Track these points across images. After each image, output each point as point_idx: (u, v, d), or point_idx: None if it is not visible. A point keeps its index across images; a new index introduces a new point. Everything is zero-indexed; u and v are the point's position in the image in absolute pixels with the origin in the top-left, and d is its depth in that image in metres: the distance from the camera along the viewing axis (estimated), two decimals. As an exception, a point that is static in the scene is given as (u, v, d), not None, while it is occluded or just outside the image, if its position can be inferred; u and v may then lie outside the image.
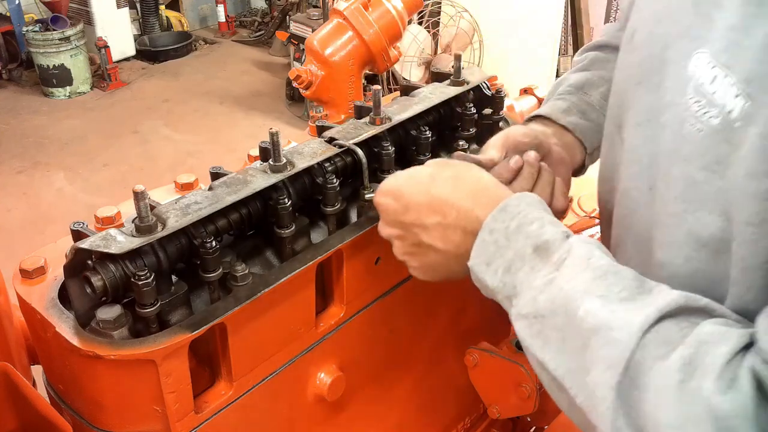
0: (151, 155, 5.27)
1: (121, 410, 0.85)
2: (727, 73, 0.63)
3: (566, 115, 1.08)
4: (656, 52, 0.76)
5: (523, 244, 0.75)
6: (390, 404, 1.26)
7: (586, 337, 0.66)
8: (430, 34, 4.77)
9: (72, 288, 0.80)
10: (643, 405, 0.61)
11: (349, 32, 1.88)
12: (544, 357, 0.71)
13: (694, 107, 0.67)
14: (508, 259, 0.76)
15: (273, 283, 0.88)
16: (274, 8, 7.58)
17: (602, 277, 0.69)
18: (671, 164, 0.72)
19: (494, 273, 0.77)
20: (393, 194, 0.88)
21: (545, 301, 0.71)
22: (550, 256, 0.74)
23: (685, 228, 0.71)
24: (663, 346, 0.62)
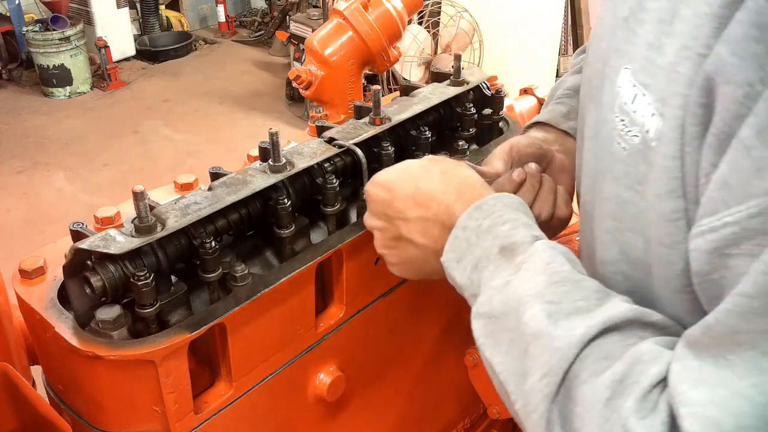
0: (151, 155, 5.27)
1: (121, 410, 0.85)
2: (644, 91, 0.63)
3: (566, 119, 1.07)
4: (599, 67, 0.76)
5: (491, 243, 0.75)
6: (390, 404, 1.26)
7: (528, 342, 0.65)
8: (430, 34, 4.77)
9: (71, 288, 0.80)
10: (574, 419, 0.60)
11: (348, 32, 1.88)
12: (493, 358, 0.71)
13: (620, 125, 0.67)
14: (476, 257, 0.76)
15: (273, 283, 0.88)
16: (274, 8, 7.58)
17: (559, 284, 0.68)
18: (604, 181, 0.72)
19: (463, 270, 0.77)
20: (383, 185, 0.88)
21: (499, 302, 0.71)
22: (514, 257, 0.73)
23: (617, 247, 0.71)
24: (602, 361, 0.61)
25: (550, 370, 0.62)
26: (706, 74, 0.55)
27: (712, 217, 0.54)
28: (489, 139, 1.21)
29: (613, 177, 0.69)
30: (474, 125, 1.18)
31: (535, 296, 0.67)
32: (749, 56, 0.51)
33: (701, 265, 0.57)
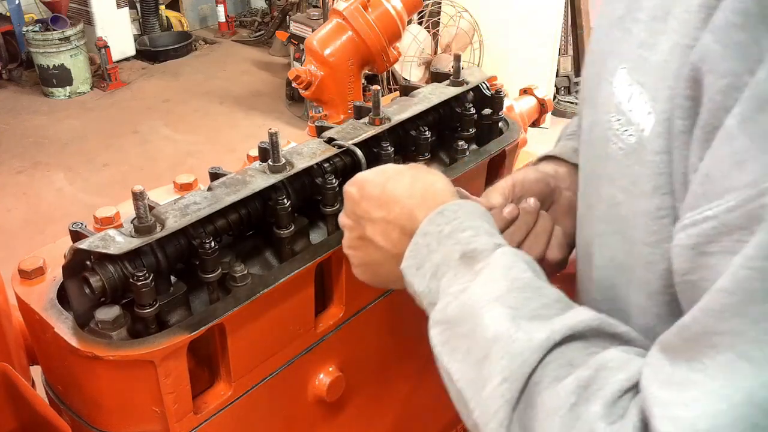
0: (151, 155, 5.27)
1: (120, 411, 0.85)
2: (641, 90, 0.62)
3: (577, 154, 1.00)
4: (595, 70, 0.75)
5: (451, 250, 0.73)
6: (390, 404, 1.26)
7: (487, 347, 0.63)
8: (430, 34, 4.77)
9: (71, 288, 0.80)
10: (536, 427, 0.59)
11: (348, 32, 1.87)
12: (450, 366, 0.68)
13: (616, 125, 0.65)
14: (435, 264, 0.73)
15: (272, 283, 0.88)
16: (274, 8, 7.58)
17: (520, 290, 0.66)
18: (600, 184, 0.71)
19: (422, 277, 0.75)
20: (357, 184, 0.86)
21: (456, 308, 0.69)
22: (474, 264, 0.70)
23: (607, 252, 0.70)
24: (564, 368, 0.59)
25: (510, 375, 0.60)
26: (692, 65, 0.54)
27: (693, 212, 0.53)
28: (489, 139, 1.21)
29: (609, 179, 0.68)
30: (474, 125, 1.18)
31: (494, 300, 0.65)
32: (733, 44, 0.50)
33: (682, 263, 0.55)
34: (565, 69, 5.50)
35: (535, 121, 2.05)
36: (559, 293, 0.67)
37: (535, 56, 4.87)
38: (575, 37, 5.62)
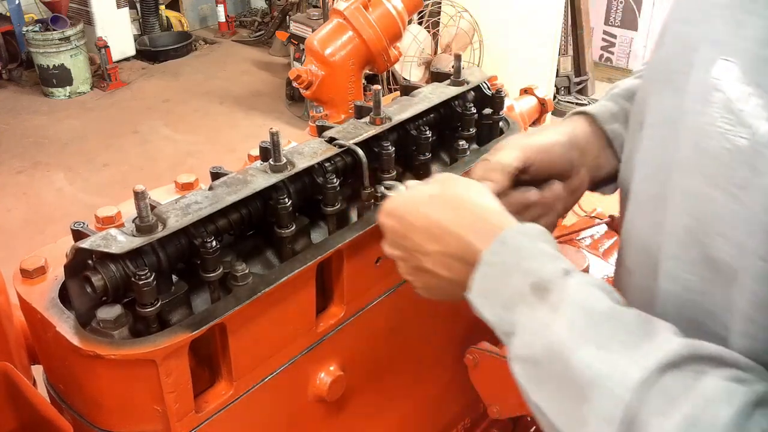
0: (151, 155, 5.27)
1: (122, 410, 0.85)
2: (757, 92, 0.59)
3: (613, 120, 1.01)
4: (682, 52, 0.71)
5: (521, 281, 0.71)
6: (390, 404, 1.26)
7: (582, 388, 0.62)
8: (430, 34, 4.77)
9: (72, 288, 0.80)
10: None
11: (349, 32, 1.88)
12: (540, 403, 0.67)
13: (721, 122, 0.62)
14: (505, 296, 0.72)
15: (273, 283, 0.88)
16: (274, 8, 7.58)
17: (603, 322, 0.65)
18: (686, 175, 0.68)
19: (492, 308, 0.74)
20: (394, 215, 0.85)
21: (542, 347, 0.67)
22: (547, 295, 0.69)
23: (697, 248, 0.67)
24: (665, 402, 0.58)
25: (610, 417, 0.59)
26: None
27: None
28: (489, 139, 1.21)
29: (702, 174, 0.65)
30: (474, 125, 1.18)
31: (579, 338, 0.64)
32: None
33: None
34: (565, 69, 5.51)
35: (535, 121, 2.06)
36: (636, 313, 0.66)
37: (535, 56, 4.87)
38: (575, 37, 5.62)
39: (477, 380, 1.27)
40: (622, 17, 6.57)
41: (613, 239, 1.43)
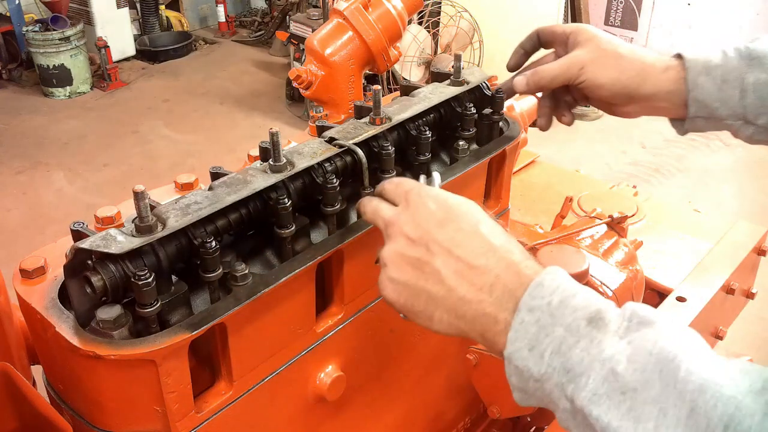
0: (151, 155, 5.28)
1: (121, 410, 0.85)
2: None
3: (704, 75, 1.00)
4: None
5: (573, 317, 0.66)
6: (390, 404, 1.26)
7: (692, 400, 0.58)
8: (430, 34, 4.77)
9: (72, 288, 0.80)
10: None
11: (349, 32, 1.87)
12: None
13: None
14: (557, 338, 0.66)
15: (273, 283, 0.88)
16: (274, 8, 7.59)
17: (689, 337, 0.63)
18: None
19: (540, 357, 0.66)
20: (439, 201, 0.79)
21: (634, 372, 0.61)
22: (607, 325, 0.65)
23: None
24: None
25: (731, 422, 0.56)
26: None
27: None
28: (489, 139, 1.21)
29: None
30: (474, 125, 1.18)
31: (680, 351, 0.61)
32: None
33: None
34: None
35: (535, 121, 2.06)
36: None
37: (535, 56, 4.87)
38: (575, 37, 5.62)
39: (477, 380, 1.27)
40: (622, 17, 6.58)
41: (612, 239, 1.43)
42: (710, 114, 1.02)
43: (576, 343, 0.65)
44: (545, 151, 5.08)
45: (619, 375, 0.62)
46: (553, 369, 0.66)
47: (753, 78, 0.98)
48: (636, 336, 0.64)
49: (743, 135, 1.03)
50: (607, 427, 0.61)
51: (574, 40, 1.08)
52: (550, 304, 0.68)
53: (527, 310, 0.68)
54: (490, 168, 1.23)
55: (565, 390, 0.65)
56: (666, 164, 5.10)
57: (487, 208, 1.28)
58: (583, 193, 1.85)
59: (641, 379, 0.61)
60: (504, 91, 1.17)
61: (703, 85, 1.01)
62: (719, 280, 1.55)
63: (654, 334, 0.63)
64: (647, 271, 1.51)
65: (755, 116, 0.99)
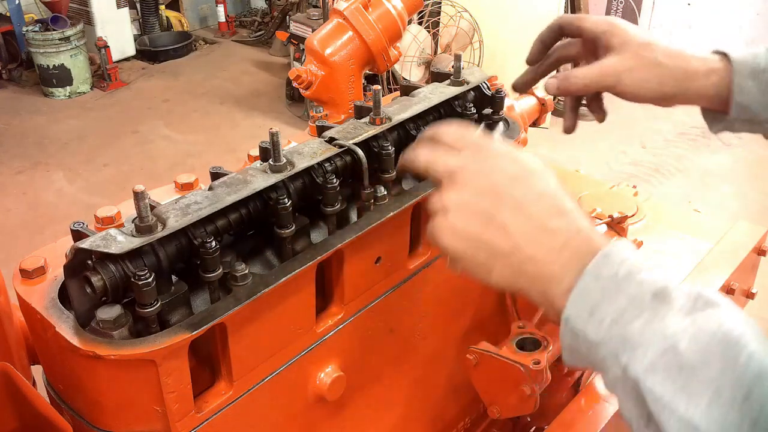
0: (151, 155, 5.28)
1: (121, 410, 0.85)
2: None
3: (751, 79, 0.97)
4: None
5: (638, 290, 0.67)
6: (390, 404, 1.26)
7: (750, 386, 0.58)
8: (430, 34, 4.77)
9: (72, 288, 0.80)
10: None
11: (349, 32, 1.87)
12: (691, 414, 0.60)
13: None
14: (619, 307, 0.67)
15: (273, 283, 0.88)
16: (274, 8, 7.59)
17: (752, 324, 0.62)
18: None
19: (599, 323, 0.67)
20: (511, 155, 0.77)
21: (695, 351, 0.61)
22: (672, 302, 0.65)
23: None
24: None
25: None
26: None
27: None
28: (489, 139, 1.21)
29: None
30: (474, 125, 1.18)
31: (743, 335, 0.61)
32: None
33: None
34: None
35: (535, 121, 2.06)
36: None
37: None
38: (575, 37, 5.62)
39: (477, 380, 1.27)
40: (622, 17, 6.56)
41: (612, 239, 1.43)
42: (751, 117, 1.00)
43: (638, 315, 0.66)
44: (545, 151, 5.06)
45: (679, 351, 0.62)
46: (611, 337, 0.66)
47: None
48: (700, 316, 0.64)
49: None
50: (659, 399, 0.62)
51: (607, 42, 1.02)
52: (616, 275, 0.68)
53: (593, 277, 0.69)
54: (490, 168, 1.23)
55: (620, 358, 0.65)
56: (666, 164, 5.10)
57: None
58: (583, 193, 1.84)
59: (701, 358, 0.61)
60: (516, 86, 1.14)
61: (750, 90, 0.97)
62: (719, 280, 1.55)
63: (719, 316, 0.63)
64: (647, 271, 1.50)
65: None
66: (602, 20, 1.05)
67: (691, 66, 1.00)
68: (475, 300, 1.37)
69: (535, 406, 1.19)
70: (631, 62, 1.00)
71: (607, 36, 1.02)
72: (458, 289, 1.29)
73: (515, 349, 1.22)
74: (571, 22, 1.08)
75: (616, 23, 1.04)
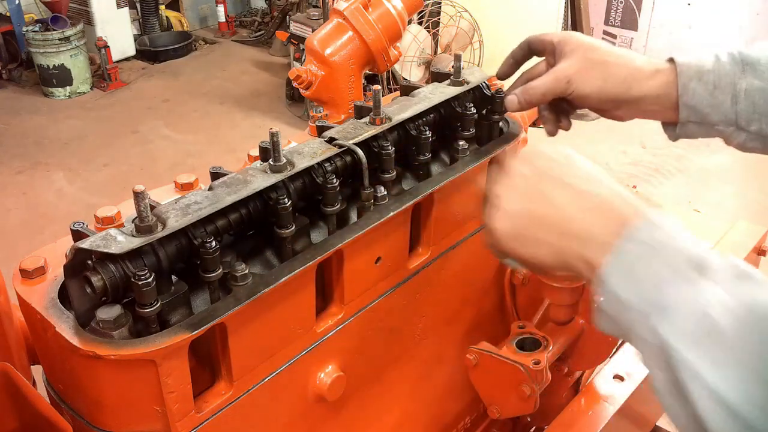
0: (151, 155, 5.28)
1: (121, 410, 0.85)
2: None
3: (696, 80, 1.00)
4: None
5: (675, 257, 0.69)
6: (390, 404, 1.26)
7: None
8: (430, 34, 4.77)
9: (72, 288, 0.80)
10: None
11: (349, 32, 1.87)
12: (721, 386, 0.60)
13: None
14: (655, 272, 0.69)
15: (273, 283, 0.88)
16: (274, 8, 7.59)
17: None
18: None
19: (633, 286, 0.70)
20: (553, 149, 0.86)
21: (727, 321, 0.62)
22: (707, 270, 0.67)
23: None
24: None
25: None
26: None
27: None
28: (489, 139, 1.21)
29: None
30: (474, 125, 1.18)
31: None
32: None
33: None
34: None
35: (535, 121, 2.06)
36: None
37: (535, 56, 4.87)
38: (575, 37, 5.61)
39: (477, 380, 1.27)
40: (622, 17, 6.57)
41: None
42: (702, 119, 1.02)
43: (674, 281, 0.67)
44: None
45: (711, 320, 0.63)
46: (643, 300, 0.68)
47: (745, 84, 0.98)
48: (735, 286, 0.65)
49: (735, 142, 1.03)
50: (684, 362, 0.63)
51: (560, 50, 1.08)
52: (654, 240, 0.71)
53: (631, 241, 0.72)
54: (490, 168, 1.23)
55: (650, 321, 0.67)
56: (666, 164, 5.10)
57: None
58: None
59: (732, 328, 0.62)
60: (500, 74, 1.20)
61: (695, 90, 1.01)
62: (719, 280, 1.55)
63: (754, 289, 0.64)
64: (647, 271, 1.50)
65: (747, 122, 0.99)
66: (559, 33, 1.11)
67: (635, 64, 1.04)
68: (475, 300, 1.37)
69: (535, 406, 1.19)
70: (580, 64, 1.05)
71: (561, 44, 1.08)
72: (458, 289, 1.29)
73: (515, 349, 1.22)
74: (537, 37, 1.14)
75: (570, 34, 1.10)
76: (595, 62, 1.05)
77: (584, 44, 1.07)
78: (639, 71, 1.03)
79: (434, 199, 1.10)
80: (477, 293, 1.36)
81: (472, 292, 1.35)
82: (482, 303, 1.39)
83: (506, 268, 1.37)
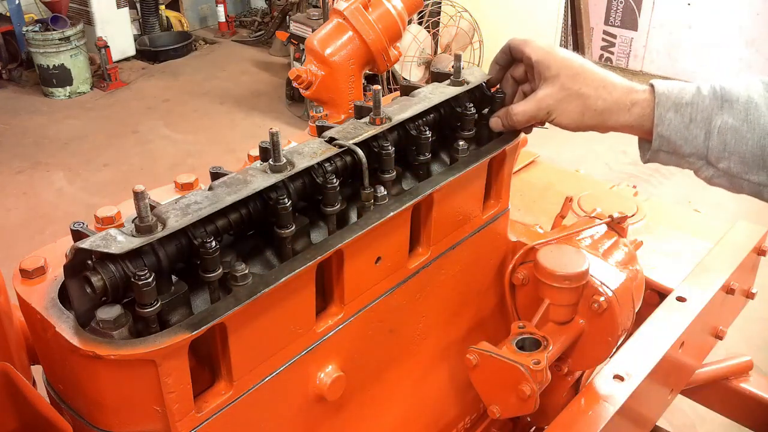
0: (151, 155, 5.28)
1: (121, 410, 0.85)
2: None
3: (673, 111, 1.04)
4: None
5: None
6: (390, 404, 1.26)
7: None
8: (430, 34, 4.77)
9: (72, 288, 0.80)
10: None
11: (349, 32, 1.87)
12: None
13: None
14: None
15: (273, 283, 0.88)
16: (274, 8, 7.59)
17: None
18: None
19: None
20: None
21: None
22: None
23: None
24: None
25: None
26: None
27: None
28: (489, 139, 1.21)
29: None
30: (474, 125, 1.18)
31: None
32: None
33: None
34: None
35: (535, 121, 2.05)
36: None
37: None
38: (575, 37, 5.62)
39: (477, 380, 1.27)
40: (622, 17, 6.58)
41: (612, 239, 1.43)
42: (673, 150, 1.06)
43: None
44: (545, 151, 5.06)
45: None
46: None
47: (720, 121, 1.01)
48: None
49: (703, 175, 1.07)
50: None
51: (539, 73, 1.10)
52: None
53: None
54: (490, 168, 1.23)
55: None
56: (666, 164, 5.10)
57: (487, 208, 1.28)
58: (583, 193, 1.84)
59: None
60: None
61: (671, 121, 1.04)
62: (719, 280, 1.55)
63: None
64: (647, 271, 1.50)
65: (717, 159, 1.03)
66: (540, 48, 1.12)
67: (612, 97, 1.08)
68: (475, 300, 1.37)
69: (535, 406, 1.19)
70: (559, 95, 1.09)
71: (540, 66, 1.10)
72: (458, 289, 1.29)
73: (515, 349, 1.22)
74: (517, 45, 1.16)
75: (552, 52, 1.11)
76: (573, 94, 1.09)
77: (564, 69, 1.09)
78: (616, 104, 1.08)
79: (434, 199, 1.10)
80: (477, 293, 1.36)
81: (472, 292, 1.35)
82: (482, 303, 1.39)
83: (506, 268, 1.37)
